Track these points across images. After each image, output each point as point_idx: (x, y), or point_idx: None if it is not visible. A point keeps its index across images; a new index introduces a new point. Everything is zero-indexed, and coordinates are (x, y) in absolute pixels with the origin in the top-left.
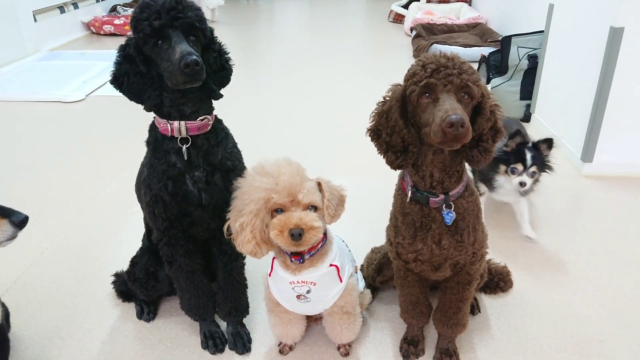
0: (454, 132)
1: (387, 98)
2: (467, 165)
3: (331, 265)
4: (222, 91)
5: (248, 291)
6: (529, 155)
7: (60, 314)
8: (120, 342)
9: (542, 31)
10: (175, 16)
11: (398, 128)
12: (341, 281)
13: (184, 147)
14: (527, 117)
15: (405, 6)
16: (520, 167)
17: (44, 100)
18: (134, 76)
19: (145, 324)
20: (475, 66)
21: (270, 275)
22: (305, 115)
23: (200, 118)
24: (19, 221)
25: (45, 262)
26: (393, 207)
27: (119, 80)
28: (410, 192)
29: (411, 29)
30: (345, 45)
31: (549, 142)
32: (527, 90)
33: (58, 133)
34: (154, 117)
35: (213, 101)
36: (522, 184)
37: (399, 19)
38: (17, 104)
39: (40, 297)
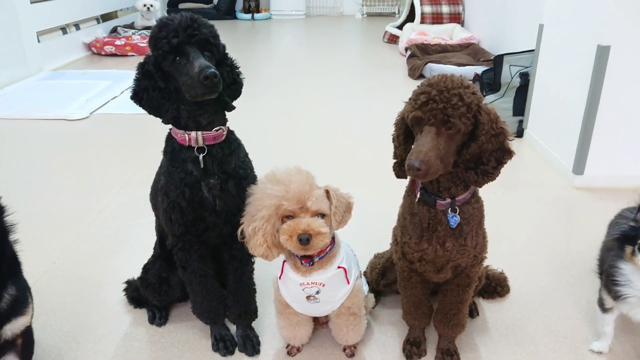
0: (412, 175)
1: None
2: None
3: (339, 267)
4: (233, 103)
5: (256, 296)
6: None
7: (74, 320)
8: (134, 346)
9: (533, 50)
10: (191, 33)
11: (397, 143)
12: (348, 282)
13: (200, 156)
14: (520, 133)
15: (400, 27)
16: None
17: (48, 118)
18: (153, 91)
19: (157, 328)
20: None
21: (280, 277)
22: (307, 129)
23: (215, 128)
24: None
25: (57, 271)
26: (402, 208)
27: (138, 96)
28: (419, 193)
29: (406, 49)
30: (341, 65)
31: None
32: (520, 106)
33: (64, 149)
34: (170, 129)
35: (226, 113)
36: None
37: (393, 39)
38: (21, 121)
39: (53, 304)
